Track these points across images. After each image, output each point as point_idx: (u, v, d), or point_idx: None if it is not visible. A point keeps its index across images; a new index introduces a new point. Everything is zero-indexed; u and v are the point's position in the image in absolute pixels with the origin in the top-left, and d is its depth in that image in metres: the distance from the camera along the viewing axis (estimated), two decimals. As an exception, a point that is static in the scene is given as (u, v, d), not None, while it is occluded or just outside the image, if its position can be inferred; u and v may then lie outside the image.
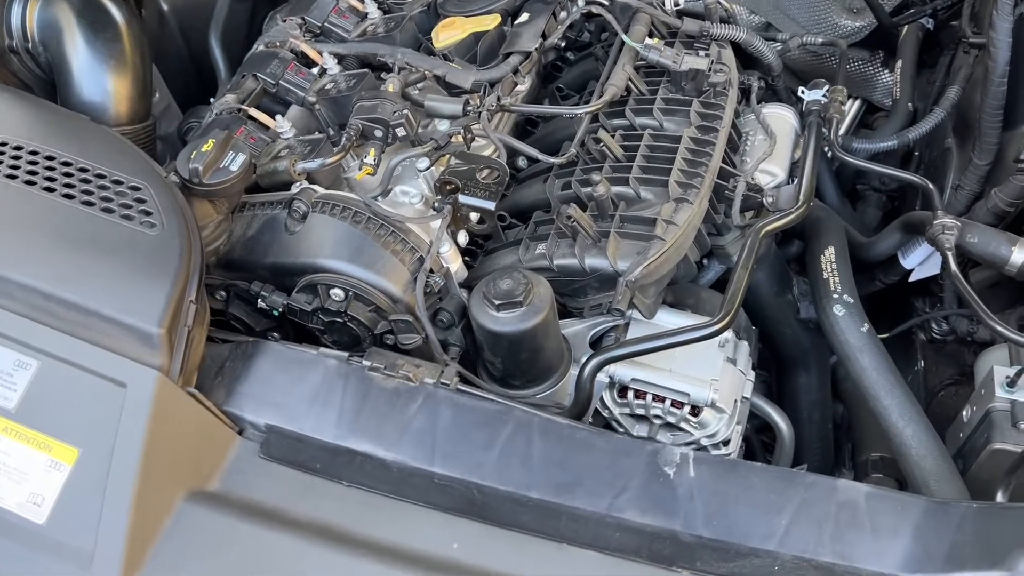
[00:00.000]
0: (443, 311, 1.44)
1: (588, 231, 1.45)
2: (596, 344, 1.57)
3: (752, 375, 1.58)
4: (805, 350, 1.89)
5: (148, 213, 1.24)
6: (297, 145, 1.55)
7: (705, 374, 1.46)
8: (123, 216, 1.23)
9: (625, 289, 1.39)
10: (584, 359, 1.43)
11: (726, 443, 1.53)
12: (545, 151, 1.60)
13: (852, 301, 1.60)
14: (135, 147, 1.38)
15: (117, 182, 1.28)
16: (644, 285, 1.43)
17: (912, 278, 1.92)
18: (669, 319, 1.53)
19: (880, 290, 2.00)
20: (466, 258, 1.55)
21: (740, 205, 1.55)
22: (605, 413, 1.52)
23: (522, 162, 1.74)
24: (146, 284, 1.15)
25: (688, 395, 1.44)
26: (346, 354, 1.24)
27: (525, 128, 1.86)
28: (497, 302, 1.35)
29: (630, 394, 1.49)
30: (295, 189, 1.49)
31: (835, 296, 1.61)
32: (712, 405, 1.43)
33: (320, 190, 1.48)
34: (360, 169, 1.51)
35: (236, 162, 1.41)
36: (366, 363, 1.20)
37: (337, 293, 1.38)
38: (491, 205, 1.41)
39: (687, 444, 1.53)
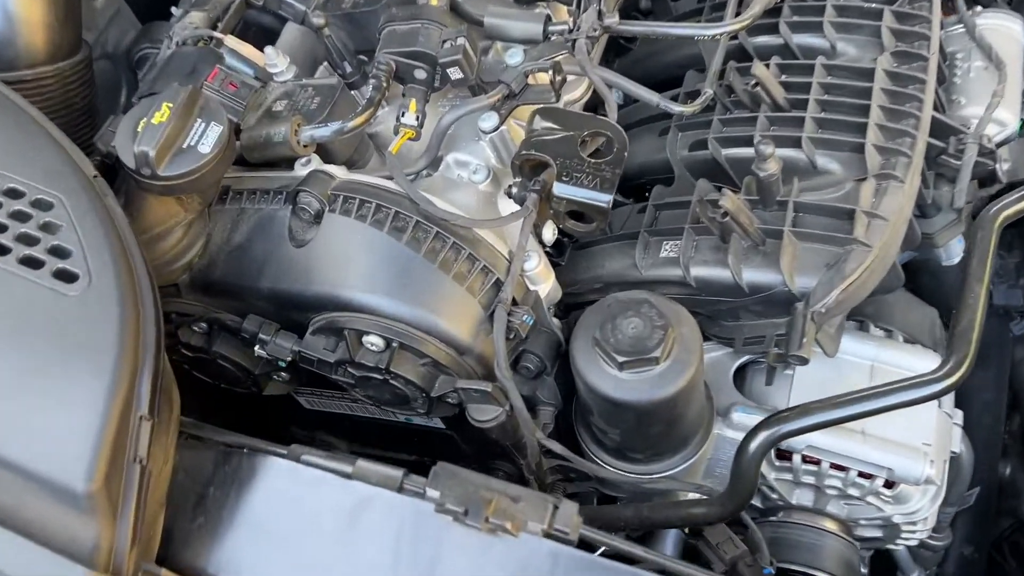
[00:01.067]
0: (529, 355, 0.96)
1: (748, 230, 0.95)
2: (739, 374, 1.10)
3: (959, 415, 1.12)
4: (987, 341, 1.42)
5: (63, 254, 0.75)
6: (299, 92, 1.04)
7: (914, 436, 1.00)
8: (22, 262, 0.74)
9: (810, 324, 0.91)
10: (741, 430, 0.97)
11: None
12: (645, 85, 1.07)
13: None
14: (44, 122, 0.87)
15: (12, 194, 0.79)
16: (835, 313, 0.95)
17: None
18: (855, 347, 1.06)
19: None
20: (548, 249, 1.06)
21: (967, 176, 1.04)
22: (772, 477, 1.08)
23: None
24: (59, 401, 0.68)
25: (892, 470, 0.99)
26: (399, 474, 0.78)
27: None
28: (621, 359, 0.88)
29: (796, 458, 1.04)
30: (300, 170, 0.99)
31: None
32: (929, 482, 0.98)
33: (338, 173, 0.98)
34: (397, 133, 1.00)
35: (208, 138, 0.90)
36: (432, 494, 0.75)
37: (374, 342, 0.91)
38: (606, 198, 0.91)
39: (870, 522, 1.09)
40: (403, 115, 1.00)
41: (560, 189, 0.92)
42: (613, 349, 0.88)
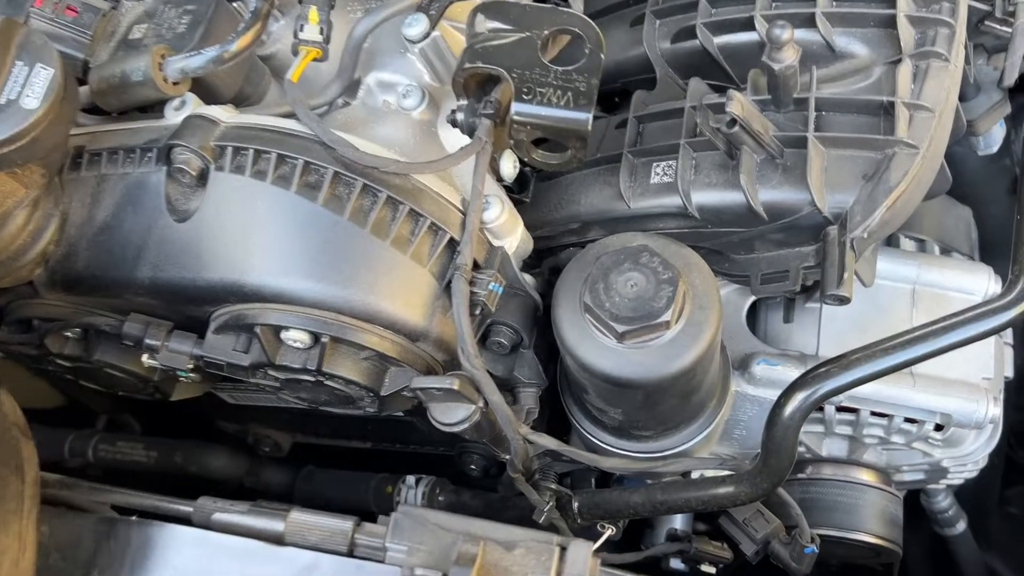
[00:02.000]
0: (500, 327, 0.76)
1: (763, 139, 0.74)
2: (754, 312, 0.92)
3: (1008, 332, 0.95)
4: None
5: None
6: (162, 11, 0.78)
7: (972, 371, 0.83)
8: None
9: (850, 254, 0.72)
10: (766, 386, 0.79)
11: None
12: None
13: None
14: None
15: None
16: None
17: None
18: (891, 268, 0.87)
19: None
20: (508, 185, 0.84)
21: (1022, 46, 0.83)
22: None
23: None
24: None
25: (950, 416, 0.82)
26: (347, 527, 0.57)
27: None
28: (622, 328, 0.68)
29: (829, 408, 0.86)
30: (172, 116, 0.74)
31: None
32: (993, 422, 0.82)
33: (224, 116, 0.73)
34: (296, 54, 0.76)
35: (35, 87, 0.65)
36: (396, 553, 0.54)
37: (296, 338, 0.69)
38: (583, 117, 0.69)
39: (914, 467, 0.93)
40: (302, 29, 0.75)
41: (521, 110, 0.70)
42: (610, 317, 0.68)
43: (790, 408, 0.72)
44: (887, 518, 0.91)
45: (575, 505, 0.87)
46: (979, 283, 0.85)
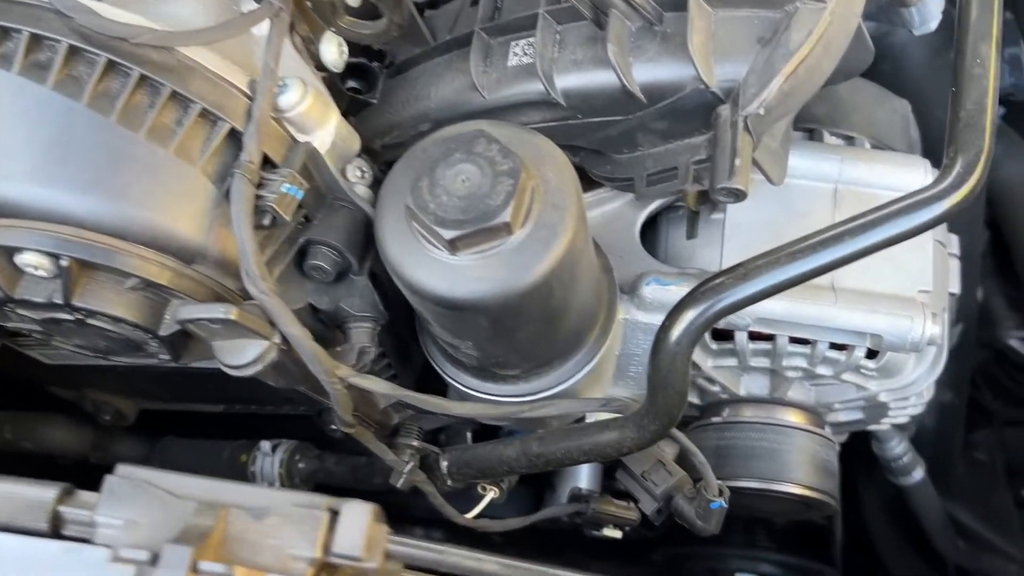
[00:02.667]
0: (318, 248, 0.61)
1: (636, 1, 0.59)
2: (649, 229, 0.77)
3: (954, 241, 0.82)
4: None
5: None
6: None
7: (906, 283, 0.69)
8: None
9: (744, 137, 0.57)
10: (658, 310, 0.66)
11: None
12: None
13: None
14: None
15: None
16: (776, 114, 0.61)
17: None
18: (809, 165, 0.72)
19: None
20: (353, 86, 0.69)
21: None
22: (709, 365, 0.76)
23: None
24: None
25: (881, 337, 0.68)
26: (50, 496, 0.43)
27: None
28: (451, 234, 0.53)
29: (740, 336, 0.72)
30: None
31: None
32: (933, 342, 0.68)
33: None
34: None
35: None
36: (108, 529, 0.40)
37: (33, 263, 0.53)
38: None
39: (848, 405, 0.80)
40: None
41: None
42: (436, 221, 0.53)
43: (677, 331, 0.58)
44: (818, 465, 0.78)
45: (443, 464, 0.73)
46: (913, 178, 0.71)
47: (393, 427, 0.74)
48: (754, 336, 0.73)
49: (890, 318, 0.66)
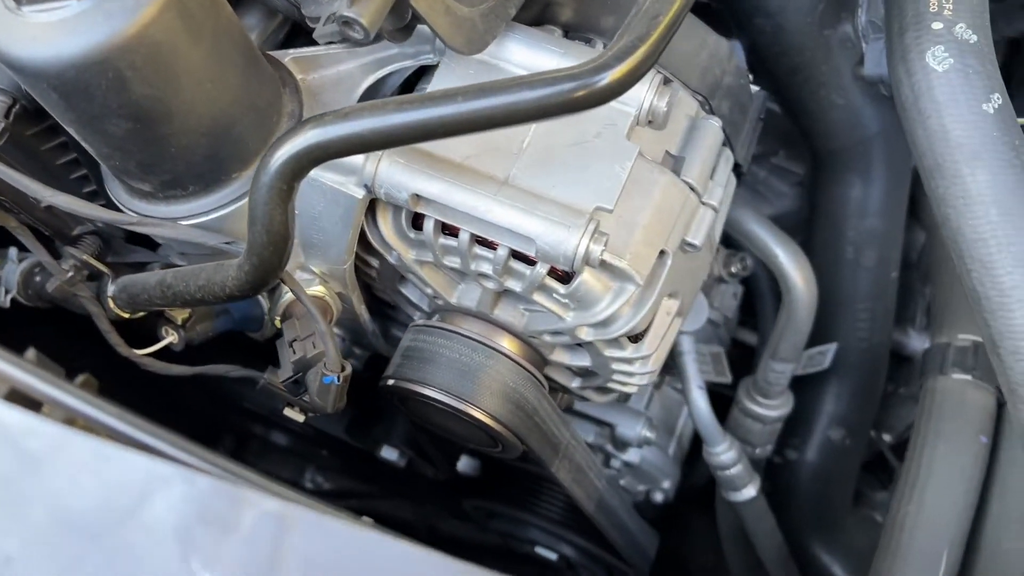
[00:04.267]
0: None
1: None
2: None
3: (731, 183, 0.73)
4: (866, 139, 1.00)
5: None
6: None
7: (589, 196, 0.62)
8: None
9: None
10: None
11: (637, 338, 0.72)
12: None
13: (974, 40, 0.69)
14: None
15: None
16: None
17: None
18: (525, 56, 0.66)
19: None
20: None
21: None
22: (391, 257, 0.72)
23: None
24: None
25: (534, 241, 0.61)
26: None
27: None
28: (8, -17, 0.52)
29: (428, 225, 0.67)
30: None
31: (935, 24, 0.70)
32: (591, 263, 0.61)
33: None
34: None
35: None
36: None
37: None
38: None
39: (556, 338, 0.73)
40: None
41: None
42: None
43: (269, 162, 0.54)
44: (513, 400, 0.71)
45: (110, 289, 0.71)
46: (633, 92, 0.63)
47: (73, 236, 0.73)
48: (446, 230, 0.67)
49: (546, 223, 0.60)
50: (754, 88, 0.84)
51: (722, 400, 1.14)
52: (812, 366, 1.09)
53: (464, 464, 1.22)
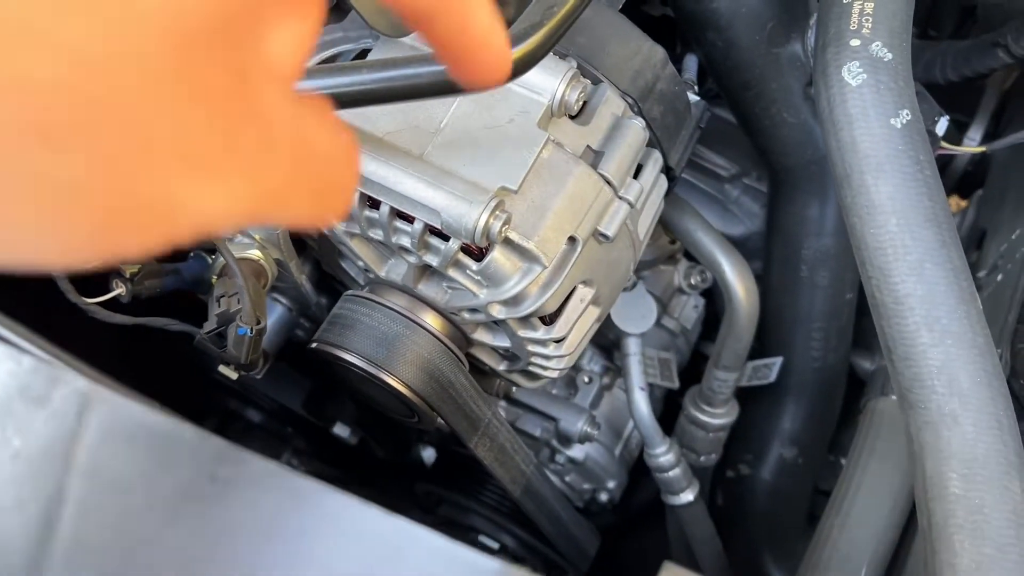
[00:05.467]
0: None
1: None
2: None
3: (662, 184, 0.77)
4: (820, 158, 1.03)
5: None
6: None
7: (497, 177, 0.66)
8: None
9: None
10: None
11: (549, 320, 0.76)
12: None
13: (889, 58, 0.72)
14: None
15: None
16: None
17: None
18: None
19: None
20: None
21: None
22: (340, 229, 0.77)
23: None
24: None
25: (437, 214, 0.65)
26: None
27: None
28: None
29: (354, 196, 0.72)
30: None
31: (853, 41, 0.73)
32: (491, 238, 0.65)
33: None
34: None
35: None
36: None
37: None
38: None
39: (474, 316, 0.77)
40: None
41: None
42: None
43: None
44: (429, 372, 0.75)
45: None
46: (547, 83, 0.68)
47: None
48: (371, 203, 0.72)
49: (451, 197, 0.64)
50: (695, 98, 0.87)
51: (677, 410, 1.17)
52: (758, 378, 1.11)
53: (428, 453, 1.26)
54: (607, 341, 1.14)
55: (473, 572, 0.33)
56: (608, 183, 0.73)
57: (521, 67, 0.57)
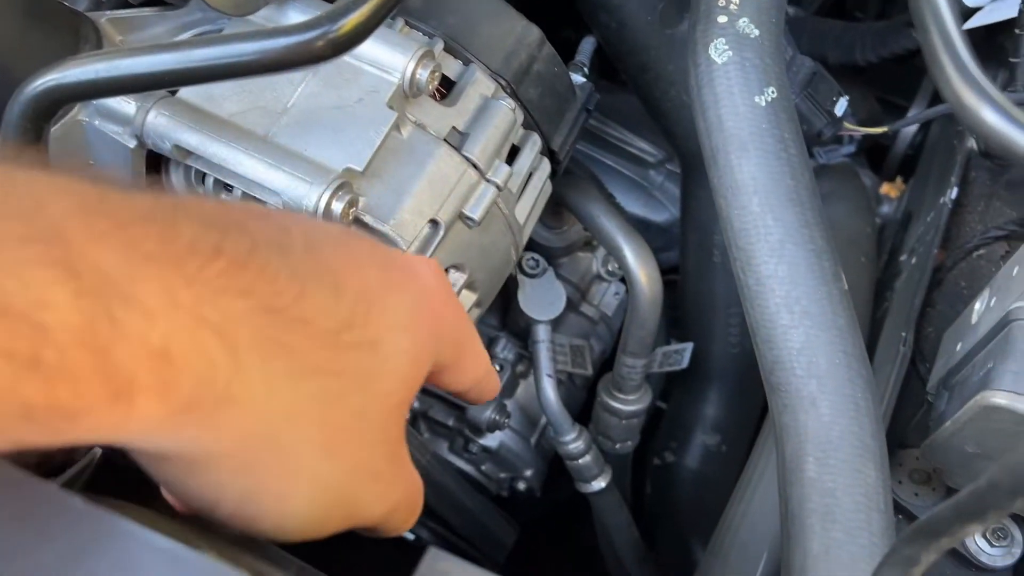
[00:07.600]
0: None
1: None
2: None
3: (543, 167, 0.75)
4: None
5: None
6: None
7: (340, 157, 0.65)
8: None
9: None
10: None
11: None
12: None
13: (755, 35, 0.71)
14: None
15: None
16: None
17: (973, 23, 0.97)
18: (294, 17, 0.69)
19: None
20: None
21: None
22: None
23: None
24: None
25: (279, 194, 0.64)
26: None
27: None
28: None
29: (208, 182, 0.70)
30: None
31: (720, 17, 0.71)
32: (333, 219, 0.63)
33: None
34: None
35: None
36: None
37: None
38: None
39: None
40: None
41: None
42: None
43: (11, 108, 0.58)
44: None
45: None
46: (398, 61, 0.66)
47: None
48: (225, 187, 0.70)
49: (291, 179, 0.63)
50: (581, 80, 0.85)
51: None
52: (669, 364, 1.10)
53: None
54: (520, 329, 1.12)
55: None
56: (474, 165, 0.71)
57: (347, 42, 0.56)
